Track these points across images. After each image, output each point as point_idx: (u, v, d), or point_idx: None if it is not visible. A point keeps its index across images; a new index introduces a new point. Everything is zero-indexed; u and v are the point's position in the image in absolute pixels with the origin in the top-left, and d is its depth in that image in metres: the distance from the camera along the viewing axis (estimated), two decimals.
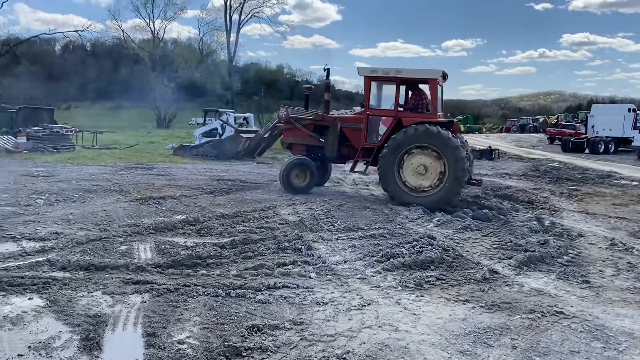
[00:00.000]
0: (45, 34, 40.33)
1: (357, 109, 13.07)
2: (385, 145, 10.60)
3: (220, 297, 5.09)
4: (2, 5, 46.22)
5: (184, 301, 4.97)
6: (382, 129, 11.10)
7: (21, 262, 6.03)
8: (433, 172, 10.34)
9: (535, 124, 57.99)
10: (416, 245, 6.99)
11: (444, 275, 5.98)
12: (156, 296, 5.08)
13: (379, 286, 5.54)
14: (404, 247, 6.89)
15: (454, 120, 11.80)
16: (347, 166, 12.07)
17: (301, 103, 14.29)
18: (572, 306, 5.17)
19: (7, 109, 31.10)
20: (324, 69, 12.23)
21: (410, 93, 11.64)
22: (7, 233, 7.27)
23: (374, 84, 11.41)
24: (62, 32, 39.18)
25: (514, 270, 6.32)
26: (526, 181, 15.21)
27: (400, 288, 5.51)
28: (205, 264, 6.12)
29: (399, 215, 9.31)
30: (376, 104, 11.69)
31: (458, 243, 7.46)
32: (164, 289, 5.25)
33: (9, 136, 22.36)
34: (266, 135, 12.82)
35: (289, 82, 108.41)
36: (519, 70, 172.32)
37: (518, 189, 13.17)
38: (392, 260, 6.34)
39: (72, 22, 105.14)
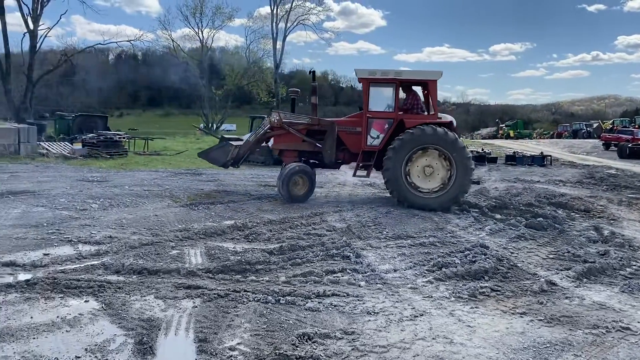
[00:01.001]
0: (100, 44, 41.71)
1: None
2: (391, 147, 10.42)
3: (270, 304, 5.07)
4: (60, 18, 48.36)
5: (234, 307, 4.98)
6: (377, 132, 10.95)
7: (77, 265, 6.20)
8: (440, 173, 10.49)
9: (589, 129, 55.88)
10: (469, 254, 6.79)
11: (499, 286, 5.77)
12: (207, 301, 5.11)
13: (431, 296, 5.39)
14: (456, 257, 6.70)
15: (453, 120, 11.58)
16: (349, 170, 12.03)
17: (347, 109, 14.18)
18: (639, 322, 4.87)
19: (65, 116, 32.46)
20: (309, 72, 12.11)
21: (404, 95, 11.54)
22: (65, 236, 7.51)
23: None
24: (116, 42, 40.41)
25: (573, 282, 6.04)
26: (581, 189, 14.61)
27: (453, 299, 5.34)
28: (254, 270, 6.13)
29: (449, 223, 9.09)
30: (371, 107, 11.35)
31: (512, 253, 7.20)
32: (214, 294, 5.28)
33: (66, 142, 23.30)
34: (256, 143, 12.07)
35: (334, 89, 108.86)
36: (571, 74, 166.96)
37: (573, 196, 12.65)
38: (444, 269, 6.17)
39: (124, 33, 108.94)
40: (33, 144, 21.07)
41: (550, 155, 23.69)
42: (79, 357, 3.95)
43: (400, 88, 11.17)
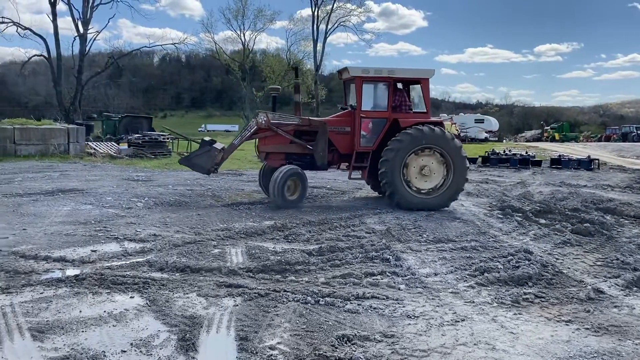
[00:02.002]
0: (145, 47, 42.91)
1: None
2: (389, 148, 10.19)
3: (309, 305, 5.09)
4: (108, 22, 49.94)
5: (275, 306, 5.03)
6: (370, 132, 10.68)
7: (123, 262, 6.39)
8: (436, 173, 10.45)
9: (639, 132, 53.75)
10: (512, 259, 6.64)
11: (543, 292, 5.61)
12: (248, 300, 5.18)
13: (473, 301, 5.30)
14: (499, 262, 6.57)
15: (442, 120, 11.42)
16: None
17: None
18: None
19: (111, 117, 33.50)
20: (292, 68, 12.06)
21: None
22: (111, 234, 7.75)
23: (351, 85, 11.09)
24: (161, 45, 41.47)
25: (622, 290, 5.82)
26: (631, 194, 14.06)
27: (495, 304, 5.24)
28: (293, 270, 6.17)
29: (491, 227, 8.92)
30: (364, 106, 11.06)
31: (557, 259, 7.00)
32: (255, 293, 5.34)
33: (113, 142, 24.04)
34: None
35: None
36: (621, 75, 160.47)
37: (622, 202, 12.18)
38: (486, 274, 6.06)
39: (169, 36, 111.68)
40: (81, 144, 21.83)
41: (597, 159, 22.90)
42: (125, 351, 4.07)
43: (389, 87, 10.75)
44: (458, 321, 4.77)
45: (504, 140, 52.77)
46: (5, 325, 4.43)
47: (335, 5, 53.79)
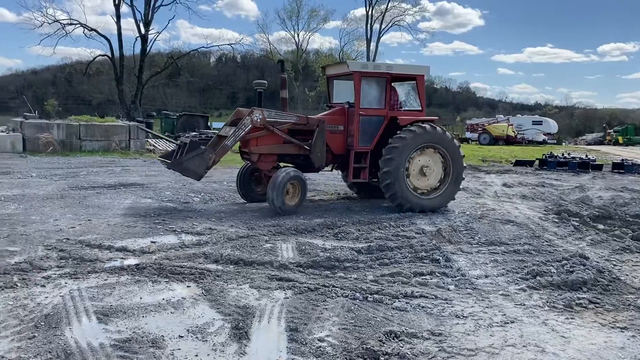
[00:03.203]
0: (203, 47, 44.12)
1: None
2: (392, 146, 9.73)
3: (357, 301, 5.18)
4: (168, 23, 51.71)
5: (324, 301, 5.15)
6: (368, 131, 10.19)
7: (181, 253, 6.69)
8: (435, 173, 10.23)
9: None
10: (566, 264, 6.49)
11: (598, 298, 5.47)
12: (298, 294, 5.33)
13: (524, 304, 5.24)
14: (552, 266, 6.44)
15: (437, 118, 11.08)
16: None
17: (441, 111, 13.82)
18: None
19: (170, 115, 34.66)
20: (278, 62, 11.58)
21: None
22: (169, 227, 8.10)
23: (335, 81, 10.84)
24: (218, 46, 42.53)
25: None
26: None
27: (547, 308, 5.16)
28: (342, 267, 6.27)
29: (546, 231, 8.72)
30: (339, 101, 10.80)
31: (615, 265, 6.78)
32: (305, 287, 5.49)
33: (171, 140, 24.88)
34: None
35: (428, 90, 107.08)
36: None
37: None
38: (538, 278, 5.96)
39: (225, 36, 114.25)
40: (142, 141, 22.73)
41: None
42: (182, 337, 4.29)
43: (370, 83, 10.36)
44: (507, 323, 4.74)
45: (564, 143, 50.92)
46: (74, 308, 4.75)
47: (389, 4, 53.54)
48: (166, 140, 12.04)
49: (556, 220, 9.69)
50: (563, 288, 5.72)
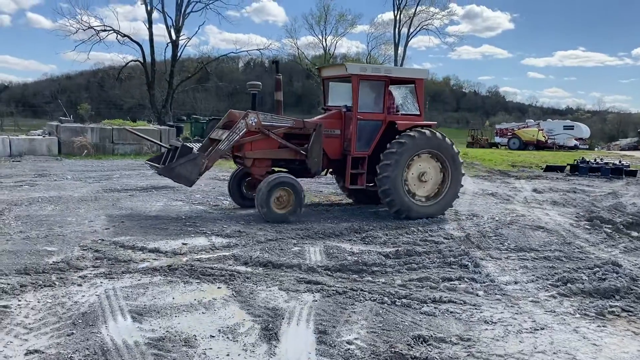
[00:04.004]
0: (232, 52, 44.64)
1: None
2: (390, 151, 9.42)
3: (385, 304, 5.21)
4: (198, 29, 52.43)
5: (352, 304, 5.19)
6: (365, 135, 9.82)
7: (211, 255, 6.82)
8: (433, 179, 9.95)
9: None
10: (598, 271, 6.39)
11: (632, 307, 5.37)
12: (326, 296, 5.38)
13: (554, 311, 5.19)
14: (584, 273, 6.35)
15: (435, 123, 10.68)
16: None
17: (470, 115, 13.65)
18: None
19: (199, 119, 35.18)
20: (272, 62, 11.32)
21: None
22: (200, 229, 8.26)
23: (331, 84, 10.59)
24: (246, 51, 42.95)
25: None
26: None
27: (578, 315, 5.10)
28: (370, 271, 6.31)
29: (577, 238, 8.58)
30: (335, 104, 10.53)
31: None
32: (333, 290, 5.54)
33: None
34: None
35: (456, 94, 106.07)
36: None
37: None
38: (569, 285, 5.89)
39: (253, 41, 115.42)
40: None
41: None
42: (213, 336, 4.39)
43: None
44: (537, 329, 4.70)
45: (596, 149, 49.83)
46: (109, 307, 4.91)
47: (418, 8, 53.30)
48: (158, 144, 11.23)
49: (588, 227, 9.53)
50: (595, 295, 5.64)
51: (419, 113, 10.40)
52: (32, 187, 11.86)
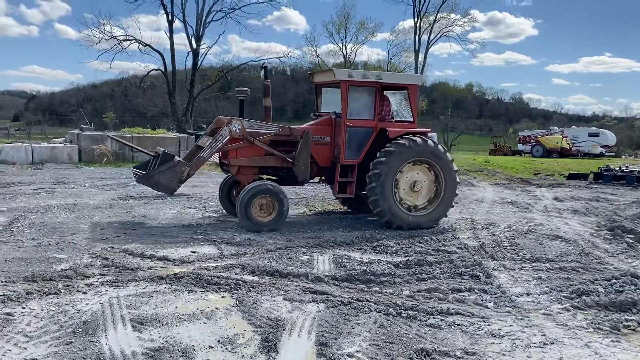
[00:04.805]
0: (252, 61, 44.89)
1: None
2: (380, 160, 9.16)
3: (391, 316, 5.09)
4: (218, 37, 52.98)
5: (356, 315, 5.08)
6: (355, 142, 9.52)
7: (219, 263, 6.78)
8: (426, 188, 9.64)
9: None
10: (615, 283, 6.16)
11: None
12: (330, 307, 5.29)
13: (566, 325, 5.00)
14: (600, 285, 6.13)
15: (430, 130, 10.42)
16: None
17: (493, 122, 13.29)
18: None
19: None
20: (261, 67, 10.64)
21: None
22: (210, 237, 8.24)
23: (324, 90, 10.35)
24: (266, 59, 43.16)
25: None
26: None
27: (591, 329, 4.90)
28: (378, 281, 6.19)
29: (596, 248, 8.32)
30: (328, 110, 10.26)
31: None
32: (338, 301, 5.44)
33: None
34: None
35: (478, 100, 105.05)
36: None
37: None
38: (584, 297, 5.69)
39: (274, 50, 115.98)
40: None
41: None
42: (212, 347, 4.33)
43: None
44: (547, 344, 4.53)
45: (623, 156, 48.71)
46: (111, 315, 4.89)
47: (438, 15, 52.97)
48: (144, 152, 10.70)
49: (609, 236, 9.25)
50: (610, 309, 5.43)
51: (412, 120, 10.14)
52: (50, 194, 12.02)
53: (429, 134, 10.01)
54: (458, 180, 9.96)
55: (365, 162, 9.50)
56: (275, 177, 9.90)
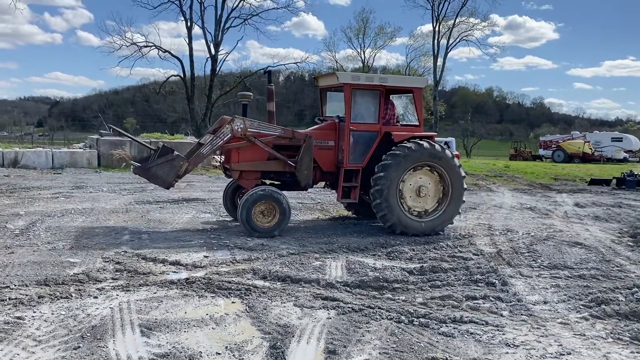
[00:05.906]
0: (270, 66, 45.06)
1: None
2: (385, 163, 9.00)
3: (402, 324, 4.99)
4: (237, 43, 53.36)
5: (367, 322, 4.99)
6: (360, 147, 9.40)
7: (231, 268, 6.74)
8: (432, 193, 9.44)
9: None
10: (637, 292, 5.97)
11: None
12: (341, 314, 5.20)
13: (584, 334, 4.84)
14: (621, 293, 5.94)
15: (436, 134, 10.18)
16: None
17: (513, 127, 13.04)
18: None
19: None
20: (264, 71, 10.76)
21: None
22: (224, 242, 8.22)
23: (329, 94, 10.22)
24: (284, 65, 43.33)
25: None
26: None
27: (610, 339, 4.73)
28: (391, 288, 6.09)
29: (618, 255, 8.10)
30: (333, 114, 10.11)
31: None
32: (349, 307, 5.35)
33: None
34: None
35: (499, 105, 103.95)
36: None
37: None
38: (603, 306, 5.51)
39: (292, 55, 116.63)
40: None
41: None
42: (219, 354, 4.28)
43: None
44: (563, 354, 4.38)
45: None
46: (120, 320, 4.87)
47: (457, 19, 52.59)
48: (146, 146, 10.38)
49: (631, 243, 9.02)
50: (631, 318, 5.25)
51: (418, 124, 10.00)
52: (68, 198, 12.16)
53: (448, 141, 9.96)
54: (466, 186, 9.80)
55: (370, 167, 9.36)
56: (278, 182, 9.80)
